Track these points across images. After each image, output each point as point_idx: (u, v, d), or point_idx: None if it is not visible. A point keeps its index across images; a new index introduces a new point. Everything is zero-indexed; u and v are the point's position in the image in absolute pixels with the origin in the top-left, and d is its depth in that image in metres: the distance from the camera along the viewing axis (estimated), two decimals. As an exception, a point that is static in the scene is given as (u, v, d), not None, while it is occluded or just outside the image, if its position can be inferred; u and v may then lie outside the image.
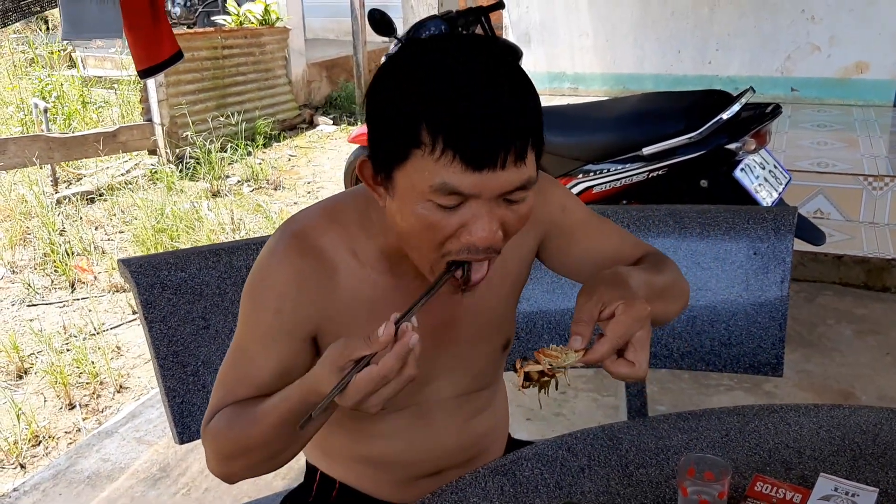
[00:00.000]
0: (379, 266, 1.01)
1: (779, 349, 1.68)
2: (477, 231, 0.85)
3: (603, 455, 1.08)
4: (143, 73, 2.37)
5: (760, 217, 1.68)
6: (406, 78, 0.84)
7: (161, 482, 2.23)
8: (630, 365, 0.87)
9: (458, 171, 0.82)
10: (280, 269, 0.98)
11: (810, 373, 2.77)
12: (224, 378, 1.03)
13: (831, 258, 3.51)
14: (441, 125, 0.81)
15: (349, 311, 1.01)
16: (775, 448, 1.09)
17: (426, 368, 1.06)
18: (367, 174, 0.92)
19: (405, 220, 0.88)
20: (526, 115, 0.84)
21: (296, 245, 0.98)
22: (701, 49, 6.20)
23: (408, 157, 0.84)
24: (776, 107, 2.70)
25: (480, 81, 0.82)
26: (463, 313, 1.07)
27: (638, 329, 0.86)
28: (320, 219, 1.01)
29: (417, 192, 0.85)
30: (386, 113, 0.86)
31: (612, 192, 2.81)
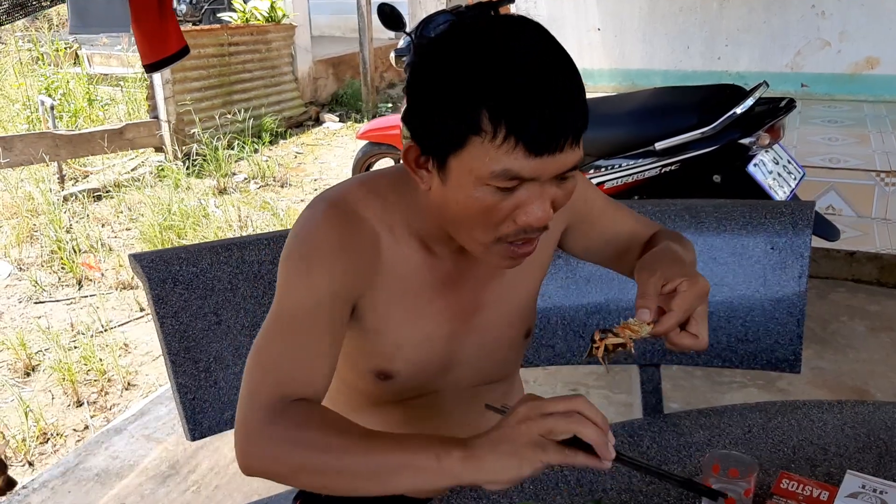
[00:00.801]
0: (413, 244, 1.00)
1: (796, 345, 1.65)
2: (534, 212, 0.86)
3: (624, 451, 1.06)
4: (150, 68, 2.36)
5: (778, 212, 1.66)
6: (461, 62, 0.82)
7: (170, 479, 2.21)
8: (693, 337, 0.91)
9: (521, 157, 0.81)
10: (325, 233, 0.94)
11: (824, 370, 2.74)
12: (273, 356, 0.92)
13: (844, 255, 3.48)
14: (504, 112, 0.80)
15: (388, 286, 0.99)
16: (799, 445, 1.07)
17: (450, 353, 1.05)
18: (411, 158, 0.90)
19: (459, 205, 0.87)
20: (581, 96, 0.84)
21: (337, 212, 0.96)
22: (710, 45, 6.17)
23: (465, 144, 0.83)
24: (790, 101, 2.67)
25: (538, 65, 0.81)
26: (491, 299, 1.06)
27: (700, 304, 0.91)
28: (357, 188, 0.99)
29: (475, 177, 0.84)
30: (439, 98, 0.83)
31: (623, 187, 2.79)
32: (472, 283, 1.04)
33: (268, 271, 1.42)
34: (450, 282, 1.02)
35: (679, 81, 5.97)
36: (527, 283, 1.10)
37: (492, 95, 0.80)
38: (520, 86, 0.79)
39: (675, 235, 1.12)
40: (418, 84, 0.87)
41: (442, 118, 0.83)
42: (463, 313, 1.04)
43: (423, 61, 0.87)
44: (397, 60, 3.19)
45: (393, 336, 1.02)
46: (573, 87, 0.82)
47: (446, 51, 0.84)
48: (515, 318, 1.10)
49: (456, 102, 0.82)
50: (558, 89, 0.81)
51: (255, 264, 1.44)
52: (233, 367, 1.43)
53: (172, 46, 2.41)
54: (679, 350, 0.91)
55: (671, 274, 0.91)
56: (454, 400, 1.11)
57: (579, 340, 1.69)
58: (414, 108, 0.88)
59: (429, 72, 0.85)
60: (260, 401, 0.90)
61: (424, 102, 0.86)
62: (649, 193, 2.79)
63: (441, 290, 1.02)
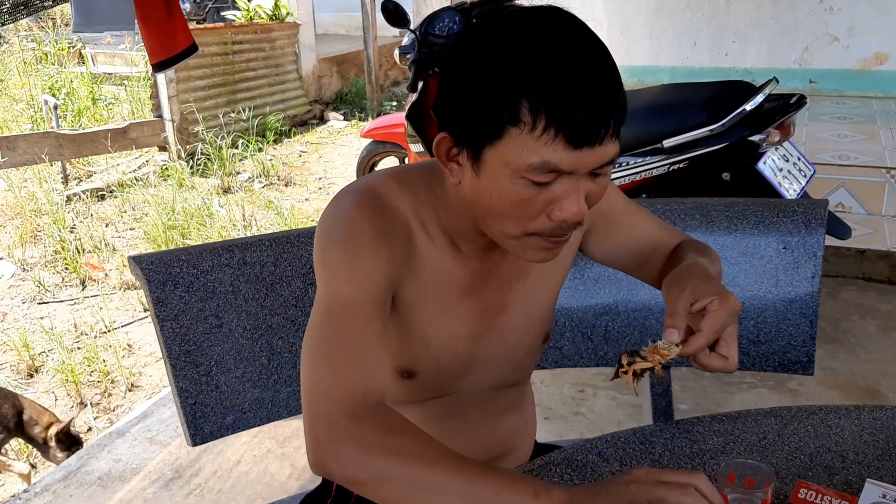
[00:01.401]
0: (443, 241, 0.97)
1: (809, 347, 1.62)
2: (569, 207, 0.83)
3: (635, 459, 1.03)
4: (158, 67, 2.33)
5: (790, 210, 1.63)
6: (499, 51, 0.80)
7: (173, 483, 2.19)
8: (723, 359, 0.87)
9: (560, 150, 0.79)
10: (362, 222, 0.90)
11: (835, 370, 2.70)
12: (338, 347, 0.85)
13: (854, 253, 3.44)
14: (544, 103, 0.77)
15: (420, 281, 0.96)
16: (816, 452, 1.04)
17: (472, 354, 1.03)
18: (442, 150, 0.87)
19: (493, 198, 0.85)
20: (620, 88, 0.81)
21: (370, 201, 0.92)
22: (717, 41, 6.12)
23: (502, 135, 0.80)
24: (800, 97, 2.64)
25: (578, 55, 0.79)
26: (515, 300, 1.04)
27: (731, 323, 0.87)
28: (390, 181, 0.96)
29: (511, 169, 0.81)
30: (476, 88, 0.81)
31: (631, 185, 2.75)
32: (497, 283, 1.01)
33: (270, 273, 1.39)
34: (477, 281, 1.00)
35: (686, 78, 5.92)
36: (549, 285, 1.08)
37: (532, 85, 0.78)
38: (560, 76, 0.77)
39: (701, 247, 1.09)
40: (453, 73, 0.84)
41: (478, 108, 0.81)
42: (488, 314, 1.02)
43: (459, 50, 0.84)
44: (401, 58, 3.16)
45: (422, 334, 0.99)
46: (612, 78, 0.80)
47: (483, 40, 0.82)
48: (536, 320, 1.08)
49: (494, 92, 0.79)
50: (599, 80, 0.79)
51: (258, 266, 1.41)
52: (234, 371, 1.41)
53: (180, 44, 2.38)
54: (707, 371, 0.88)
55: (701, 291, 0.87)
56: (470, 402, 1.09)
57: (587, 342, 1.66)
58: (447, 98, 0.86)
59: (465, 61, 0.83)
60: (340, 398, 0.82)
61: (459, 92, 0.83)
62: (657, 192, 2.75)
63: (468, 289, 1.00)
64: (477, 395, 1.09)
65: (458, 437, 1.09)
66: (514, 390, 1.14)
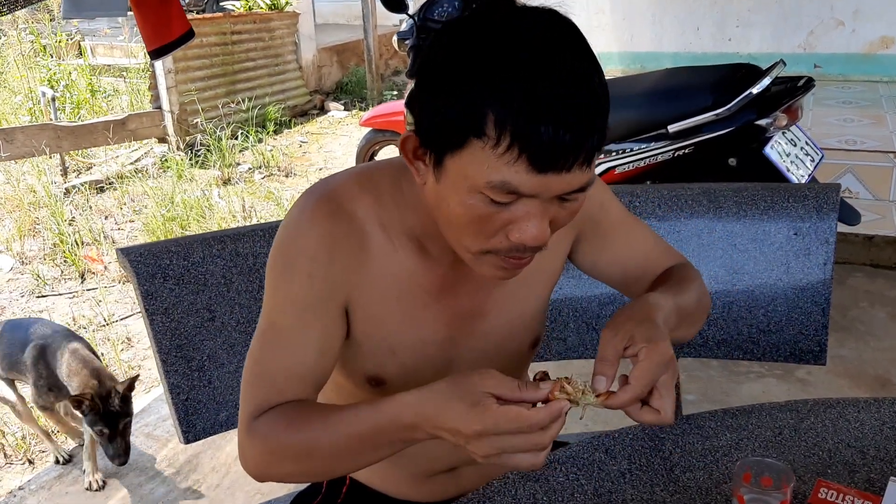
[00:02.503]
0: (408, 245, 0.92)
1: (821, 336, 1.58)
2: (528, 230, 0.77)
3: (645, 457, 0.98)
4: (154, 54, 2.28)
5: (801, 195, 1.58)
6: (473, 55, 0.73)
7: (171, 479, 2.15)
8: (655, 413, 0.79)
9: (522, 172, 0.73)
10: (309, 231, 0.89)
11: (844, 358, 2.65)
12: (259, 366, 0.91)
13: (862, 239, 3.38)
14: (510, 118, 0.71)
15: (378, 288, 0.92)
16: (836, 448, 0.99)
17: (448, 359, 0.98)
18: (409, 148, 0.82)
19: (451, 208, 0.79)
20: (603, 114, 0.74)
21: (325, 207, 0.89)
22: (721, 26, 6.04)
23: (464, 145, 0.74)
24: (808, 80, 2.57)
25: (559, 70, 0.71)
26: (493, 306, 0.98)
27: (662, 374, 0.79)
28: (351, 183, 0.92)
29: (469, 183, 0.75)
30: (445, 90, 0.75)
31: (635, 172, 2.70)
32: (471, 288, 0.96)
33: (263, 264, 1.34)
34: (447, 286, 0.94)
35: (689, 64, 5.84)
36: (533, 293, 1.01)
37: (500, 97, 0.71)
38: (533, 92, 0.70)
39: (684, 277, 1.00)
40: (425, 70, 0.79)
41: (444, 112, 0.75)
42: (461, 319, 0.97)
43: (434, 47, 0.78)
44: (400, 44, 3.10)
45: (385, 341, 0.95)
46: (595, 100, 0.73)
47: (459, 40, 0.75)
48: (520, 326, 1.02)
49: (461, 98, 0.73)
50: (576, 100, 0.71)
51: (251, 257, 1.37)
52: (227, 366, 1.36)
53: (176, 31, 2.34)
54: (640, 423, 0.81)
55: (636, 335, 0.79)
56: None
57: (592, 333, 1.61)
58: (418, 96, 0.80)
59: (438, 59, 0.77)
60: (245, 412, 0.90)
61: (429, 91, 0.77)
62: (662, 178, 2.70)
63: (438, 294, 0.94)
64: None
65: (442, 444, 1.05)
66: None
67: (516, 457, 0.74)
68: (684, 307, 0.93)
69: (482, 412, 0.73)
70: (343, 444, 0.84)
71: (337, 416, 0.84)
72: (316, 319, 0.89)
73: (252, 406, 0.90)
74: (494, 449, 0.74)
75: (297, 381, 0.90)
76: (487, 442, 0.73)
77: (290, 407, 0.89)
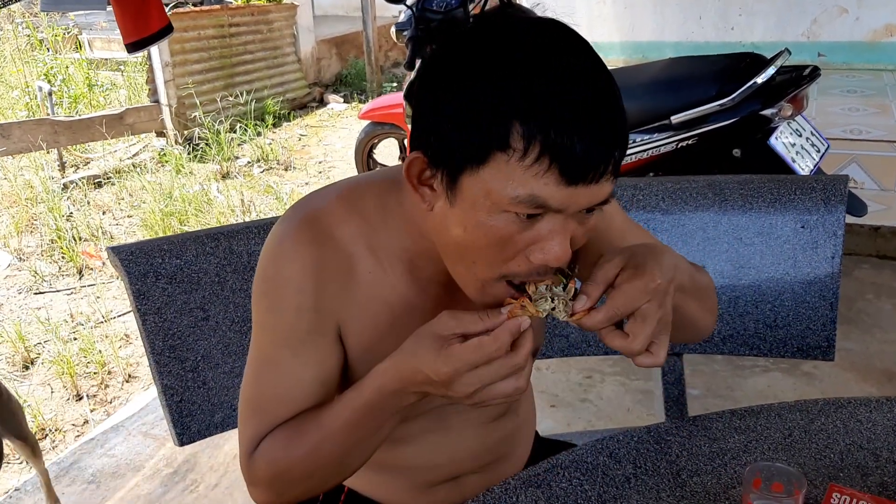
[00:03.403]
0: (399, 267, 0.88)
1: (830, 331, 1.54)
2: (552, 249, 0.73)
3: (650, 461, 0.95)
4: (132, 47, 2.23)
5: (808, 187, 1.54)
6: (491, 65, 0.69)
7: (169, 478, 2.13)
8: (623, 336, 0.75)
9: (551, 184, 0.69)
10: (293, 260, 0.84)
11: (851, 351, 2.62)
12: (255, 398, 0.90)
13: (868, 230, 3.34)
14: (540, 128, 0.67)
15: (368, 312, 0.88)
16: (847, 450, 0.95)
17: None
18: (414, 172, 0.76)
19: (467, 232, 0.74)
20: (625, 121, 0.71)
21: (308, 232, 0.85)
22: (723, 14, 5.98)
23: (486, 161, 0.70)
24: (814, 69, 2.53)
25: (583, 80, 0.68)
26: None
27: (643, 302, 0.74)
28: (336, 205, 0.87)
29: (492, 201, 0.71)
30: (459, 103, 0.70)
31: (638, 164, 2.66)
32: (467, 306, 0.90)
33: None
34: (442, 306, 0.89)
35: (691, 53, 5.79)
36: None
37: (528, 107, 0.67)
38: (564, 99, 0.67)
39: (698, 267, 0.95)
40: (434, 84, 0.74)
41: (461, 126, 0.70)
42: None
43: (443, 59, 0.73)
44: (398, 35, 3.06)
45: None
46: (618, 109, 0.70)
47: (475, 49, 0.71)
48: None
49: (481, 110, 0.69)
50: (605, 110, 0.68)
51: (245, 255, 1.33)
52: (222, 366, 1.33)
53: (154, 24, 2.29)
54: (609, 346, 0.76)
55: (630, 263, 0.75)
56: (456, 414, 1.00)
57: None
58: (424, 112, 0.74)
59: (450, 71, 0.72)
60: (244, 447, 0.90)
61: (439, 106, 0.72)
62: (665, 170, 2.66)
63: (433, 315, 0.89)
64: (459, 410, 1.00)
65: (447, 449, 1.02)
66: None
67: (497, 386, 0.73)
68: (697, 278, 0.89)
69: (447, 354, 0.72)
70: (344, 438, 0.83)
71: (328, 414, 0.83)
72: (311, 351, 0.87)
73: (252, 433, 0.89)
74: (473, 386, 0.73)
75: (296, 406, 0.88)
76: (464, 381, 0.73)
77: (282, 427, 0.88)
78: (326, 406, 0.85)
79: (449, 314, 0.75)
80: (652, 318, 0.74)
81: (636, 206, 1.54)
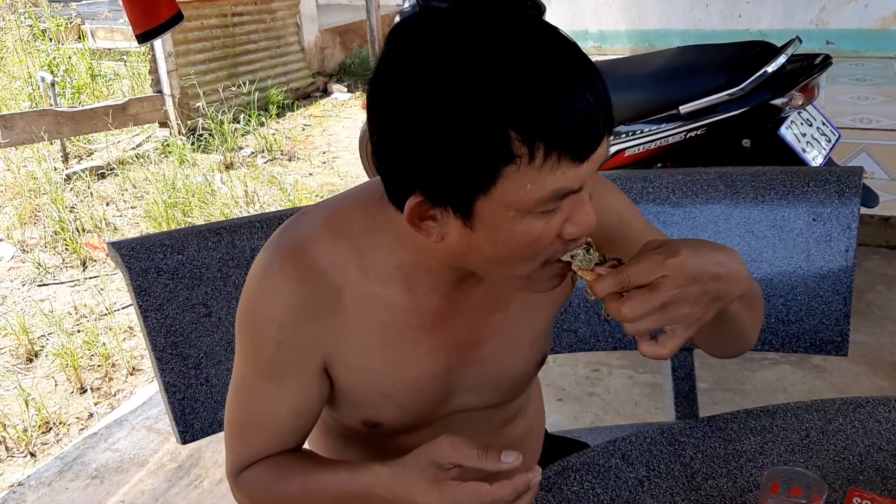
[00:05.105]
0: (391, 283, 0.84)
1: (843, 325, 1.52)
2: (582, 220, 0.71)
3: (664, 463, 0.92)
4: (142, 38, 2.21)
5: (822, 179, 1.51)
6: (460, 81, 0.63)
7: (173, 473, 2.11)
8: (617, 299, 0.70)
9: (567, 169, 0.66)
10: (275, 297, 0.82)
11: (861, 344, 2.59)
12: (236, 422, 0.92)
13: (878, 220, 3.30)
14: (536, 126, 0.63)
15: (359, 337, 0.86)
16: (867, 452, 0.93)
17: (448, 387, 0.92)
18: (416, 214, 0.72)
19: (498, 247, 0.72)
20: (598, 72, 0.68)
21: (292, 264, 0.82)
22: (730, 2, 5.93)
23: (496, 179, 0.66)
24: (825, 57, 2.49)
25: (549, 55, 0.65)
26: (492, 332, 0.91)
27: (657, 275, 0.69)
28: (321, 231, 0.84)
29: (516, 210, 0.68)
30: (441, 136, 0.65)
31: (646, 154, 2.62)
32: (467, 317, 0.89)
33: (260, 258, 1.29)
34: (440, 319, 0.87)
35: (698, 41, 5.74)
36: (538, 314, 0.94)
37: (515, 111, 0.63)
38: (543, 88, 0.63)
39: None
40: (402, 125, 0.67)
41: (456, 158, 0.65)
42: (457, 349, 0.90)
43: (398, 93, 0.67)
44: (403, 24, 3.02)
45: (378, 387, 0.89)
46: (585, 60, 0.67)
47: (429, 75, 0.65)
48: (523, 349, 0.95)
49: (470, 133, 0.64)
50: (579, 77, 0.65)
51: (248, 250, 1.31)
52: (225, 363, 1.31)
53: (164, 13, 2.25)
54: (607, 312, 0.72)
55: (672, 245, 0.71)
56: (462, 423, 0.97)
57: (604, 324, 1.55)
58: (402, 154, 0.69)
59: (415, 105, 0.66)
60: (229, 463, 0.94)
61: (422, 145, 0.66)
62: (674, 160, 2.63)
63: (430, 329, 0.87)
64: (470, 416, 0.98)
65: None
66: (510, 405, 1.03)
67: None
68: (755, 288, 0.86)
69: (442, 489, 0.73)
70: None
71: (316, 478, 0.86)
72: (290, 383, 0.87)
73: (235, 458, 0.93)
74: None
75: (275, 440, 0.90)
76: None
77: (272, 464, 0.91)
78: (318, 468, 0.87)
79: (449, 444, 0.75)
80: (662, 293, 0.68)
81: (646, 198, 1.51)
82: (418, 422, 0.94)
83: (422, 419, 0.94)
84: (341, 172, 5.07)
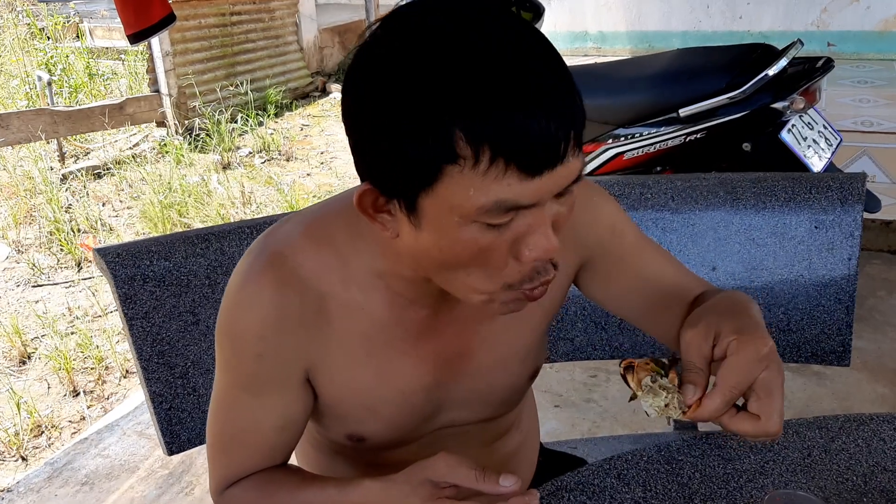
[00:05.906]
0: (378, 295, 0.82)
1: (845, 335, 1.49)
2: (538, 243, 0.66)
3: (661, 483, 0.89)
4: (133, 38, 2.18)
5: (824, 185, 1.48)
6: (412, 71, 0.61)
7: (164, 479, 2.08)
8: (754, 419, 0.68)
9: (514, 182, 0.62)
10: (255, 307, 0.79)
11: (862, 350, 2.56)
12: (219, 437, 0.89)
13: (879, 224, 3.27)
14: (483, 129, 0.60)
15: (342, 349, 0.83)
16: (871, 472, 0.90)
17: (436, 401, 0.89)
18: (367, 204, 0.70)
19: (444, 252, 0.68)
20: (573, 85, 0.63)
21: (272, 274, 0.79)
22: (731, 3, 5.89)
23: (438, 178, 0.63)
24: (827, 60, 2.46)
25: (514, 56, 0.60)
26: (481, 344, 0.88)
27: (760, 371, 0.67)
28: (303, 240, 0.81)
29: (458, 216, 0.65)
30: (390, 124, 0.63)
31: (644, 158, 2.59)
32: (455, 329, 0.86)
33: (248, 265, 1.26)
34: (427, 330, 0.85)
35: (698, 43, 5.71)
36: (529, 326, 0.91)
37: (464, 109, 0.60)
38: (497, 89, 0.59)
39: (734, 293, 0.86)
40: (360, 108, 0.66)
41: (401, 149, 0.63)
42: (446, 361, 0.87)
43: (358, 74, 0.66)
44: (401, 25, 2.99)
45: (362, 401, 0.86)
46: (562, 77, 0.62)
47: (390, 60, 0.63)
48: (513, 362, 0.92)
49: (417, 125, 0.61)
50: (546, 84, 0.61)
51: (237, 256, 1.28)
52: (212, 372, 1.26)
53: (156, 14, 2.23)
54: (743, 437, 0.69)
55: (722, 329, 0.68)
56: (452, 438, 0.95)
57: (601, 333, 1.52)
58: (360, 139, 0.67)
59: (371, 88, 0.64)
60: (213, 478, 0.91)
61: (372, 130, 0.65)
62: (673, 164, 2.60)
63: (416, 341, 0.85)
64: (460, 432, 0.95)
65: None
66: (502, 420, 1.00)
67: None
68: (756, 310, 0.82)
69: None
70: None
71: (304, 495, 0.83)
72: (273, 396, 0.84)
73: (219, 475, 0.90)
74: None
75: (260, 455, 0.87)
76: None
77: (258, 481, 0.88)
78: (305, 484, 0.84)
79: (445, 462, 0.72)
80: (775, 387, 0.67)
81: (644, 204, 1.48)
82: (406, 436, 0.91)
83: (409, 434, 0.91)
84: (339, 173, 5.04)
